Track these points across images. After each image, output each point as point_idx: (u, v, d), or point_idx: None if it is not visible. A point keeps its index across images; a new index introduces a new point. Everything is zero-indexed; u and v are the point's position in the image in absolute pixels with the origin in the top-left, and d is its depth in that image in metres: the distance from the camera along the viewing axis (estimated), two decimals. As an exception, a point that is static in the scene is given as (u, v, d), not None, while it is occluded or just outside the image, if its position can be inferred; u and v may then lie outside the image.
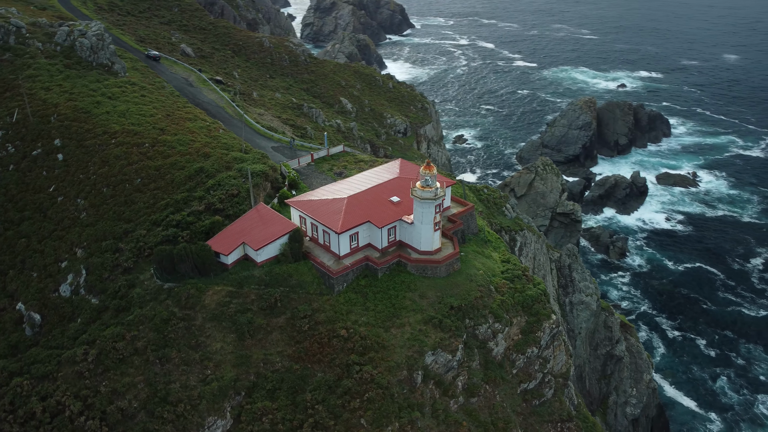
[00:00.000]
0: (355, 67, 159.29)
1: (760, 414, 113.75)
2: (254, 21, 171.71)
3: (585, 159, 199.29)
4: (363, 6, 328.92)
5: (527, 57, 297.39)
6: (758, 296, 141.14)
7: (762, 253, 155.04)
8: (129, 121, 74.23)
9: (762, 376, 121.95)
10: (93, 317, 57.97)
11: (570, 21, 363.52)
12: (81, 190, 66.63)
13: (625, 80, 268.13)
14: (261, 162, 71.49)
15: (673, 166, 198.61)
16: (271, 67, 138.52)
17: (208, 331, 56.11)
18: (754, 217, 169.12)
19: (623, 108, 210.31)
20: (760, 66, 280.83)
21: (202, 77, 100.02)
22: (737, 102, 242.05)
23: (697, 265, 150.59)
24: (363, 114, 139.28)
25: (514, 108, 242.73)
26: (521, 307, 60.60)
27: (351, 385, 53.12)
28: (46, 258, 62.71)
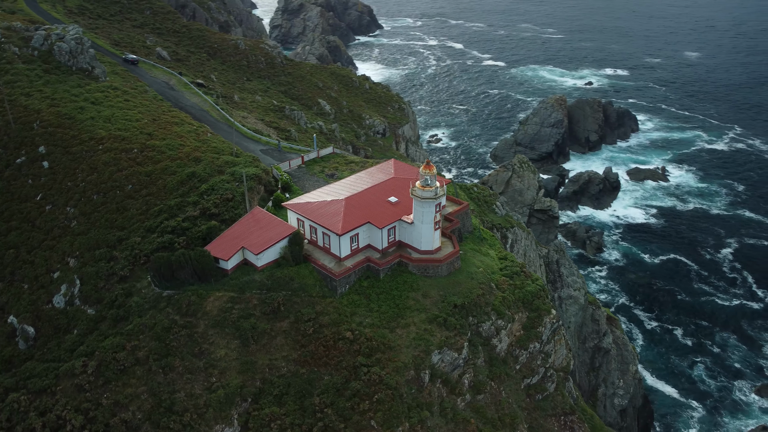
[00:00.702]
0: (331, 68, 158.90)
1: (738, 400, 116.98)
2: (226, 23, 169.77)
3: (558, 156, 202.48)
4: (331, 7, 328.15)
5: (496, 56, 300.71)
6: (730, 285, 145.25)
7: (731, 244, 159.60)
8: (115, 126, 72.58)
9: (737, 363, 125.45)
10: (90, 328, 56.54)
11: (535, 21, 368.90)
12: (70, 198, 64.88)
13: (591, 78, 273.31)
14: (253, 165, 70.71)
15: (642, 161, 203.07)
16: (247, 69, 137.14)
17: (211, 338, 55.25)
18: (722, 209, 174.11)
19: (593, 105, 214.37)
20: (719, 62, 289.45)
21: (183, 81, 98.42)
22: (700, 98, 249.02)
23: (671, 257, 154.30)
24: (342, 115, 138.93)
25: (486, 107, 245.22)
26: (522, 303, 61.27)
27: (359, 387, 52.92)
28: (37, 269, 60.85)
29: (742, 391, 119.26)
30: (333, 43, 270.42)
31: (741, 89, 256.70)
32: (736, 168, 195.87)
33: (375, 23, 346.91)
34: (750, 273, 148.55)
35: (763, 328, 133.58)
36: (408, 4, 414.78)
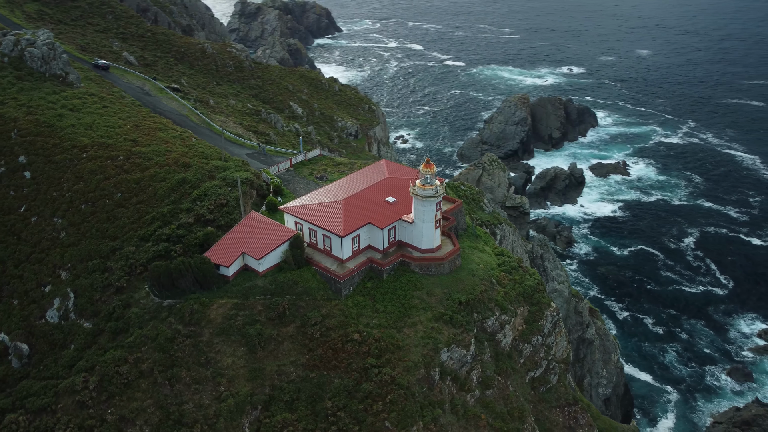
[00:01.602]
0: (300, 71, 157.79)
1: (710, 383, 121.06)
2: (189, 27, 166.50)
3: (523, 153, 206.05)
4: (289, 10, 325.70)
5: (455, 57, 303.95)
6: (695, 273, 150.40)
7: (693, 233, 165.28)
8: (97, 133, 70.34)
9: (706, 348, 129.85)
10: (88, 342, 54.64)
11: (492, 21, 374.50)
12: (57, 208, 62.54)
13: (549, 77, 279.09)
14: (243, 170, 69.62)
15: (604, 156, 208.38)
16: (216, 73, 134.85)
17: (217, 346, 54.13)
18: (682, 200, 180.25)
19: (554, 103, 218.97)
20: (669, 60, 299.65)
21: (158, 85, 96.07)
22: (654, 94, 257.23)
23: (638, 248, 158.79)
24: (314, 118, 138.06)
25: (449, 107, 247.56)
26: (522, 297, 62.14)
27: (372, 389, 52.72)
28: (27, 283, 58.44)
29: (714, 375, 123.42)
30: (294, 46, 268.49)
31: (691, 85, 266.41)
32: (692, 160, 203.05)
33: (333, 26, 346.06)
34: (712, 261, 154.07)
35: (727, 312, 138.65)
36: (365, 6, 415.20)
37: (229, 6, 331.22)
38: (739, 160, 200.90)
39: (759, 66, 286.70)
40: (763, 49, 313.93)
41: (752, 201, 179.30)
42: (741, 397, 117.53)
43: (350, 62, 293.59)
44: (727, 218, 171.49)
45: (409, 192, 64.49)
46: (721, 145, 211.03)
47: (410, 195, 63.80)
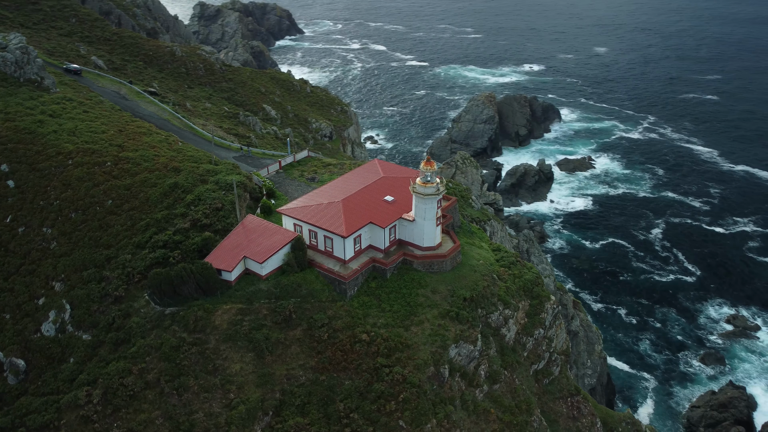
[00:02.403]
0: (270, 73, 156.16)
1: (684, 371, 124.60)
2: (153, 30, 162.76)
3: (492, 151, 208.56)
4: (249, 12, 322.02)
5: (418, 57, 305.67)
6: (664, 263, 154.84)
7: (659, 224, 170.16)
8: (81, 139, 68.04)
9: (679, 336, 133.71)
10: (88, 355, 52.78)
11: (453, 21, 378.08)
12: (45, 217, 60.22)
13: (512, 75, 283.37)
14: (235, 173, 68.45)
15: (570, 152, 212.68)
16: (187, 77, 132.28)
17: (224, 352, 53.04)
18: (648, 192, 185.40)
19: (520, 101, 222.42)
20: (625, 57, 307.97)
21: (134, 89, 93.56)
22: (613, 90, 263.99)
23: (609, 241, 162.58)
24: (287, 120, 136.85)
25: (416, 107, 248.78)
26: (523, 291, 62.84)
27: (383, 389, 52.49)
28: (18, 296, 56.07)
29: (687, 361, 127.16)
30: (257, 48, 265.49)
31: (648, 81, 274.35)
32: (654, 154, 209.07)
33: (295, 27, 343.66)
34: (679, 250, 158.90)
35: (697, 299, 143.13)
36: (326, 8, 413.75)
37: (188, 9, 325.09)
38: (698, 153, 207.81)
39: (710, 62, 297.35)
40: (712, 45, 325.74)
41: (713, 192, 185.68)
42: (715, 381, 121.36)
43: (314, 64, 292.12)
44: (690, 209, 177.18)
45: (405, 190, 64.65)
46: (680, 139, 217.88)
47: (407, 194, 63.96)
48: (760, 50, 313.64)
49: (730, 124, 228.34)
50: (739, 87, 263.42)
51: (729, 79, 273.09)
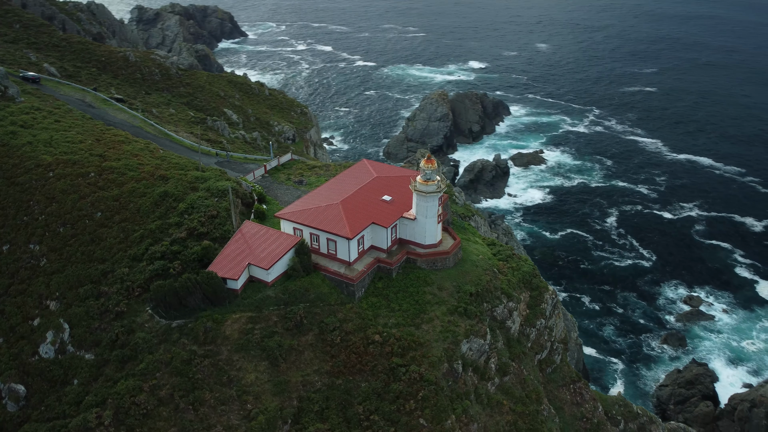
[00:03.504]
0: (227, 76, 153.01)
1: (648, 353, 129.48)
2: (100, 35, 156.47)
3: (447, 148, 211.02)
4: (190, 15, 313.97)
5: (365, 57, 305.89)
6: (621, 249, 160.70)
7: (613, 212, 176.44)
8: (59, 150, 64.80)
9: (641, 319, 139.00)
10: (92, 375, 50.38)
11: (397, 21, 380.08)
12: (31, 233, 57.03)
13: (459, 73, 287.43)
14: (224, 179, 66.78)
15: (521, 146, 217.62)
16: (143, 82, 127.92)
17: (238, 363, 51.75)
18: (599, 182, 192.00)
19: (471, 98, 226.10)
20: (565, 51, 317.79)
21: (100, 97, 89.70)
22: (558, 85, 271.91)
23: (568, 231, 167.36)
24: (249, 123, 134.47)
25: (368, 107, 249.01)
26: (523, 283, 64.02)
27: (402, 388, 52.50)
28: (11, 318, 52.90)
29: (651, 344, 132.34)
30: (202, 51, 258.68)
31: (590, 75, 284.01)
32: (601, 145, 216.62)
33: (238, 30, 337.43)
34: (634, 236, 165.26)
35: (653, 282, 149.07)
36: (267, 9, 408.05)
37: (126, 13, 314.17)
38: (643, 144, 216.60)
39: (645, 56, 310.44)
40: (645, 41, 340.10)
41: (658, 180, 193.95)
42: (679, 360, 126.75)
43: (261, 66, 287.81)
44: (640, 196, 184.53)
45: (401, 189, 64.79)
46: (624, 131, 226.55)
47: (404, 193, 64.13)
48: (690, 45, 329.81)
49: (669, 115, 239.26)
50: (675, 79, 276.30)
51: (664, 72, 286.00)
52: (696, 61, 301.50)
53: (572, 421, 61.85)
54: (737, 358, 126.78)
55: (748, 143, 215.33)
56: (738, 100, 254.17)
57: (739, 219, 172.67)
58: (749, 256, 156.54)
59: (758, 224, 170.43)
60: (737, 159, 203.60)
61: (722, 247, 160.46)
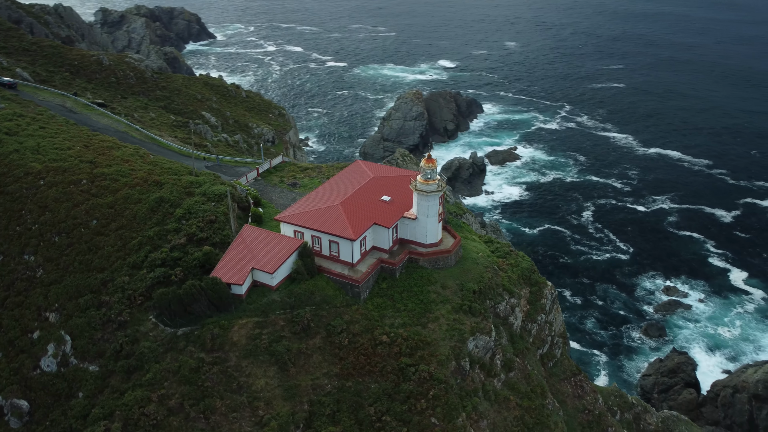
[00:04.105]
0: (203, 79, 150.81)
1: (629, 344, 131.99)
2: (69, 38, 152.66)
3: (423, 147, 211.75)
4: (156, 17, 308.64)
5: (336, 58, 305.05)
6: (598, 243, 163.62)
7: (589, 207, 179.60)
8: (48, 157, 62.98)
9: (621, 311, 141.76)
10: (98, 387, 49.12)
11: (366, 21, 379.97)
12: (25, 244, 55.30)
13: (430, 72, 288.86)
14: (219, 183, 65.85)
15: (496, 143, 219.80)
16: (118, 86, 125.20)
17: (247, 369, 51.07)
18: (574, 177, 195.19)
19: (445, 97, 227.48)
20: (534, 49, 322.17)
21: (81, 102, 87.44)
22: (528, 82, 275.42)
23: (546, 227, 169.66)
24: (228, 126, 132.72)
25: (341, 107, 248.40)
26: (522, 279, 64.66)
27: (412, 388, 52.54)
28: (9, 332, 51.22)
29: (631, 335, 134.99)
30: (171, 54, 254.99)
31: (559, 72, 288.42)
32: (574, 141, 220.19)
33: (206, 32, 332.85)
34: (610, 230, 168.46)
35: (631, 274, 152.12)
36: (235, 10, 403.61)
37: (89, 15, 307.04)
38: (614, 138, 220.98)
39: (611, 53, 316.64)
40: (607, 36, 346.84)
41: (630, 174, 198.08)
42: (659, 350, 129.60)
43: (231, 68, 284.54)
44: (614, 190, 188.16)
45: (399, 189, 64.83)
46: (595, 126, 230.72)
47: (402, 192, 64.19)
48: (654, 42, 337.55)
49: (638, 110, 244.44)
50: (641, 75, 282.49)
51: (630, 68, 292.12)
52: (659, 56, 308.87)
53: (575, 413, 62.76)
54: (715, 345, 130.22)
55: (714, 136, 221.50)
56: (700, 93, 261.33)
57: (709, 210, 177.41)
58: (720, 246, 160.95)
59: (727, 215, 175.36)
60: (705, 152, 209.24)
61: (695, 238, 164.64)
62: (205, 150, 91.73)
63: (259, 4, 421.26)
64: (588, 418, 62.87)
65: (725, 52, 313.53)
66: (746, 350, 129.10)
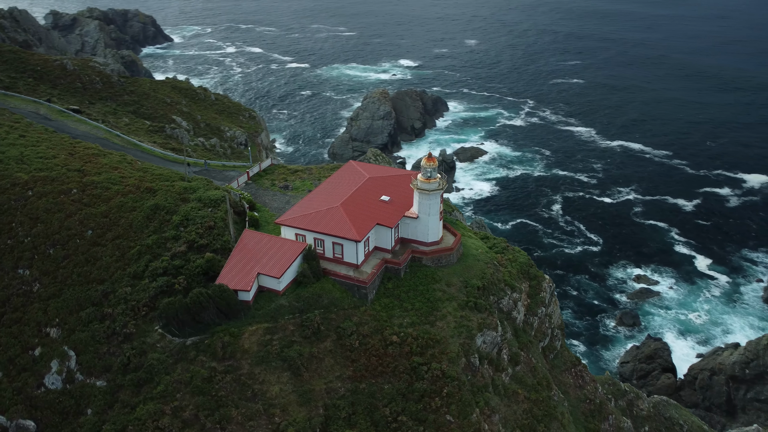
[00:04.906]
0: (171, 82, 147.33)
1: (605, 333, 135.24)
2: (26, 43, 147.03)
3: (392, 146, 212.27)
4: (110, 20, 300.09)
5: (298, 59, 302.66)
6: (569, 235, 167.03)
7: (558, 200, 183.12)
8: (33, 167, 60.52)
9: (595, 301, 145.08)
10: (107, 402, 47.53)
11: (326, 21, 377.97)
12: (18, 257, 53.01)
13: (393, 71, 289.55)
14: (214, 188, 64.54)
15: (463, 140, 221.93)
16: (84, 92, 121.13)
17: (260, 376, 50.24)
18: (542, 171, 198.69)
19: (411, 95, 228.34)
20: (494, 45, 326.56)
21: (55, 108, 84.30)
22: (491, 79, 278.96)
23: (518, 221, 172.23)
24: (200, 130, 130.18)
25: (306, 108, 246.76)
26: (521, 274, 65.47)
27: (425, 387, 52.62)
28: (9, 350, 49.01)
29: (606, 324, 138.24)
30: (128, 57, 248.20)
31: (520, 69, 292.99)
32: (539, 135, 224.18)
33: (162, 34, 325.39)
34: (580, 222, 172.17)
35: (603, 264, 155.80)
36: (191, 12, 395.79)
37: (40, 19, 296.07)
38: (577, 132, 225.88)
39: (567, 49, 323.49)
40: (564, 33, 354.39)
41: (595, 166, 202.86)
42: (635, 338, 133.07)
43: (191, 71, 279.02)
44: (580, 183, 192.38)
45: (397, 189, 64.81)
46: (559, 121, 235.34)
47: (400, 192, 64.20)
48: (608, 39, 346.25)
49: (598, 104, 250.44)
50: (598, 70, 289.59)
51: (588, 64, 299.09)
52: (614, 52, 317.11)
53: (577, 403, 63.95)
54: (686, 330, 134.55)
55: (672, 127, 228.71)
56: (653, 85, 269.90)
57: (672, 200, 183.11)
58: (684, 234, 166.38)
59: (689, 204, 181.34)
60: (664, 143, 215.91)
61: (660, 227, 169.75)
62: (187, 154, 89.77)
63: (215, 5, 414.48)
64: (590, 407, 64.15)
65: (676, 48, 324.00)
66: (716, 333, 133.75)
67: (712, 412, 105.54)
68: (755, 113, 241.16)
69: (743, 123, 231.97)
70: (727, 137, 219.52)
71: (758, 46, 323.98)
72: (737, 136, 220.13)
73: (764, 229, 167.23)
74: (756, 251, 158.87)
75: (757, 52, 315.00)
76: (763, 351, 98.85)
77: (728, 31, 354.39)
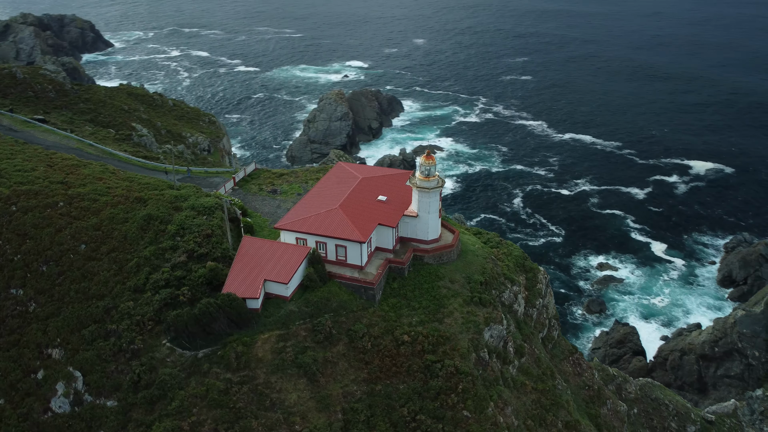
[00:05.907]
0: (126, 89, 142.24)
1: (574, 322, 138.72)
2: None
3: (351, 147, 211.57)
4: (45, 26, 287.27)
5: (246, 62, 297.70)
6: (532, 228, 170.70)
7: (518, 194, 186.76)
8: (13, 180, 57.20)
9: (562, 290, 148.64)
10: (120, 422, 45.49)
11: (270, 22, 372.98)
12: (10, 277, 50.01)
13: (344, 71, 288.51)
14: (205, 195, 62.72)
15: (420, 138, 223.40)
16: (37, 101, 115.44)
17: (277, 384, 49.18)
18: (500, 167, 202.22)
19: (367, 95, 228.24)
20: (444, 45, 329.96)
21: (18, 118, 79.97)
22: (442, 77, 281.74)
23: (482, 217, 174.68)
24: (161, 137, 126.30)
25: (260, 111, 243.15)
26: (518, 267, 66.43)
27: (441, 384, 52.74)
28: (9, 375, 46.16)
29: (575, 313, 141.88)
30: (69, 64, 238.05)
31: (470, 66, 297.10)
32: (494, 131, 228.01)
33: (102, 40, 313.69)
34: (540, 214, 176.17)
35: (566, 255, 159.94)
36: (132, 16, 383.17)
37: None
38: (530, 127, 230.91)
39: (514, 46, 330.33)
40: (508, 31, 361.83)
41: (551, 160, 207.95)
42: (603, 324, 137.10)
43: (135, 77, 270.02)
44: (538, 177, 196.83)
45: (393, 188, 64.70)
46: (512, 116, 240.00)
47: (396, 191, 64.11)
48: (551, 37, 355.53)
49: (547, 99, 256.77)
50: (544, 67, 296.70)
51: (534, 61, 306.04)
52: (557, 47, 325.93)
53: (578, 390, 65.43)
54: (650, 313, 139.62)
55: (618, 118, 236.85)
56: (597, 79, 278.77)
57: (625, 189, 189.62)
58: (639, 221, 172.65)
59: (641, 192, 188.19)
60: (613, 134, 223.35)
61: (617, 215, 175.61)
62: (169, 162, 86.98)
63: (155, 9, 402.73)
64: (590, 393, 65.75)
65: (618, 44, 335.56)
66: (678, 315, 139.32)
67: (684, 391, 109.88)
68: (691, 102, 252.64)
69: (682, 112, 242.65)
70: (669, 126, 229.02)
71: (690, 40, 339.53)
72: (678, 126, 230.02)
73: (712, 213, 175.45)
74: (706, 234, 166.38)
75: (689, 44, 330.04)
76: (731, 329, 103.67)
77: (663, 27, 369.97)
